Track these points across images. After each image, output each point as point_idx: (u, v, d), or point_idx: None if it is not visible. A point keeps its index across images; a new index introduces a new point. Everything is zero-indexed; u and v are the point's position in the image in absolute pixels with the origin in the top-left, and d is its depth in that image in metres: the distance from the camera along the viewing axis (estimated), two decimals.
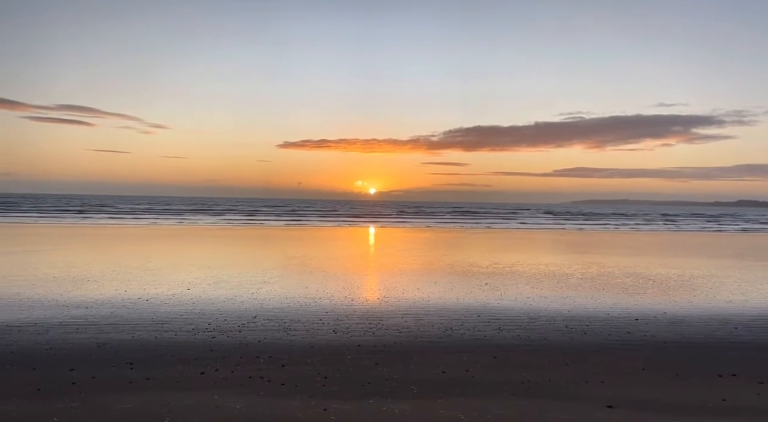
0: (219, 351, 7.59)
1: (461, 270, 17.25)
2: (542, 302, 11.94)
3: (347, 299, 11.82)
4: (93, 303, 10.80)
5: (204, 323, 9.34)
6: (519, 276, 16.11)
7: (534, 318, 10.31)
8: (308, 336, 8.57)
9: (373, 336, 8.63)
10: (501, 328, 9.39)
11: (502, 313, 10.65)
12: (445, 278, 15.35)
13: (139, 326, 9.01)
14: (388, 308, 10.93)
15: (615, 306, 11.56)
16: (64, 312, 9.95)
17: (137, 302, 10.99)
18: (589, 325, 9.76)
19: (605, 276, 16.33)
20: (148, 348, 7.73)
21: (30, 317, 9.47)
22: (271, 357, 7.37)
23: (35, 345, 7.71)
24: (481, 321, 9.88)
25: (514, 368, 7.07)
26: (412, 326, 9.41)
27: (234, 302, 11.23)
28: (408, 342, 8.31)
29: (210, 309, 10.45)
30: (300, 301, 11.43)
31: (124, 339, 8.16)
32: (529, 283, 14.65)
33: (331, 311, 10.53)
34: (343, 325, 9.36)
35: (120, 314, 9.88)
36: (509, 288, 13.79)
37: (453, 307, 11.13)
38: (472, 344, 8.31)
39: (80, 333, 8.45)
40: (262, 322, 9.48)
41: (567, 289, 13.77)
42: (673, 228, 55.38)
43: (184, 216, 58.20)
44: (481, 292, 13.02)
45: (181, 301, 11.18)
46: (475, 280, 14.97)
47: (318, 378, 6.49)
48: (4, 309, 10.07)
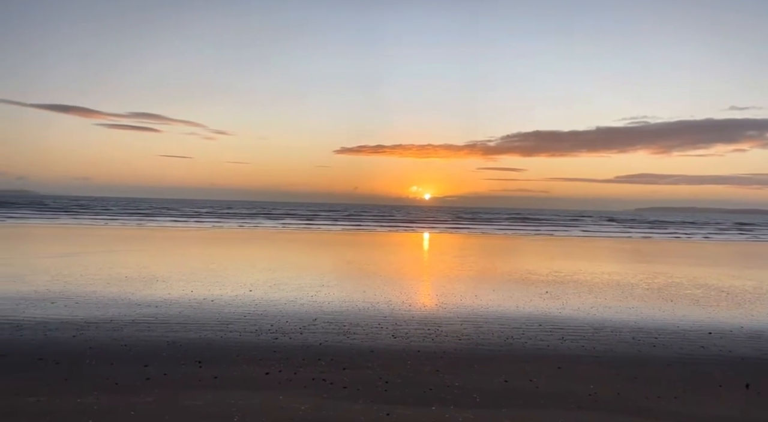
0: (282, 353, 7.75)
1: (520, 277, 16.92)
2: (607, 312, 11.54)
3: (405, 304, 11.82)
4: (162, 302, 11.27)
5: (266, 324, 9.56)
6: (581, 285, 15.64)
7: (598, 328, 9.97)
8: (368, 340, 8.62)
9: (433, 343, 8.58)
10: (564, 338, 9.13)
11: (564, 323, 10.36)
12: (504, 285, 15.09)
13: (205, 325, 9.33)
14: (447, 314, 10.85)
15: (685, 319, 11.03)
16: (136, 310, 10.43)
17: (203, 302, 11.38)
18: (658, 338, 9.35)
19: (674, 287, 15.60)
20: (214, 347, 7.99)
21: (106, 314, 9.98)
22: (333, 359, 7.46)
23: (111, 342, 8.12)
24: (542, 331, 9.65)
25: (579, 380, 6.86)
26: (471, 333, 9.30)
27: (294, 304, 11.45)
28: (468, 350, 8.22)
29: (272, 311, 10.69)
30: (358, 305, 11.52)
31: (192, 338, 8.46)
32: (592, 292, 14.19)
33: (390, 316, 10.55)
34: (401, 330, 9.36)
35: (187, 313, 10.26)
36: (571, 297, 13.41)
37: (513, 315, 10.92)
38: (534, 354, 8.12)
39: (152, 331, 8.83)
40: (323, 325, 9.61)
41: (633, 299, 13.25)
42: (748, 238, 52.30)
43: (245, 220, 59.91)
44: (542, 301, 12.72)
45: (244, 302, 11.50)
46: (535, 288, 14.64)
47: (379, 382, 6.51)
48: (82, 306, 10.67)
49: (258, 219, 64.52)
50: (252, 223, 54.26)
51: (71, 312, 10.03)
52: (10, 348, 7.62)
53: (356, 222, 64.01)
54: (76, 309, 10.30)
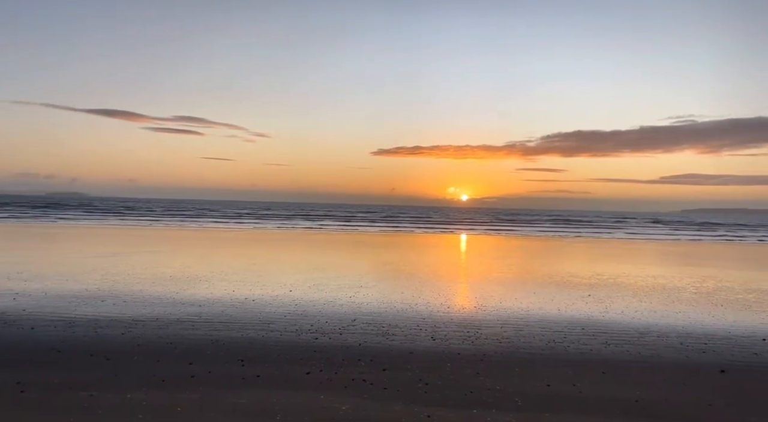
0: (322, 353, 7.82)
1: (561, 280, 16.61)
2: (652, 316, 11.21)
3: (444, 306, 11.76)
4: (205, 301, 11.54)
5: (306, 324, 9.67)
6: (625, 288, 15.24)
7: (644, 333, 9.69)
8: (407, 342, 8.61)
9: (472, 345, 8.51)
10: (608, 343, 8.92)
11: (608, 327, 10.12)
12: (545, 288, 14.85)
13: (247, 325, 9.50)
14: (486, 317, 10.74)
15: (737, 324, 10.61)
16: (180, 309, 10.71)
17: (245, 302, 11.60)
18: (708, 344, 9.02)
19: (724, 291, 15.03)
20: (256, 346, 8.13)
21: (152, 313, 10.28)
22: (372, 360, 7.48)
23: (158, 339, 8.36)
24: (585, 334, 9.44)
25: (625, 385, 6.68)
26: (512, 336, 9.18)
27: (333, 305, 11.54)
28: (509, 353, 8.12)
29: (311, 311, 10.81)
30: (397, 307, 11.53)
31: (234, 337, 8.63)
32: (637, 296, 13.81)
33: (428, 318, 10.52)
34: (440, 333, 9.32)
35: (230, 313, 10.47)
36: (615, 300, 13.08)
37: (554, 319, 10.73)
38: (577, 358, 7.96)
39: (196, 330, 9.05)
40: (361, 326, 9.66)
41: (680, 304, 12.83)
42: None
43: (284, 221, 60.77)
44: (584, 304, 12.45)
45: (284, 302, 11.66)
46: (577, 291, 14.35)
47: (419, 384, 6.50)
48: (130, 304, 11.02)
49: (297, 220, 65.35)
50: (291, 224, 54.98)
51: (120, 310, 10.38)
52: (63, 344, 7.94)
53: (394, 224, 64.07)
54: (125, 308, 10.65)
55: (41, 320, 9.40)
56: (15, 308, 10.32)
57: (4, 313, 9.83)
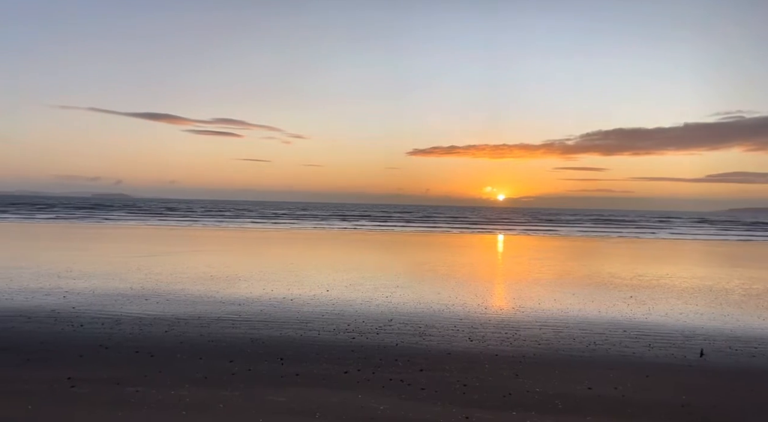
0: (359, 352, 7.86)
1: (602, 281, 16.26)
2: (698, 319, 10.86)
3: (481, 307, 11.66)
4: (245, 300, 11.75)
5: (344, 324, 9.74)
6: (669, 289, 14.80)
7: (689, 336, 9.40)
8: (444, 343, 8.58)
9: (511, 347, 8.42)
10: (651, 345, 8.68)
11: (651, 329, 9.85)
12: (584, 289, 14.56)
13: (286, 324, 9.64)
14: (524, 318, 10.60)
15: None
16: (221, 308, 10.93)
17: (283, 301, 11.76)
18: (758, 348, 8.69)
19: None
20: (295, 345, 8.23)
21: (194, 311, 10.54)
22: (409, 360, 7.48)
23: (199, 337, 8.56)
24: (627, 337, 9.22)
25: (670, 389, 6.49)
26: (551, 338, 9.04)
27: (370, 305, 11.58)
28: (548, 355, 7.99)
29: (348, 311, 10.88)
30: (433, 307, 11.49)
31: (273, 336, 8.76)
32: (682, 298, 13.40)
33: (465, 318, 10.45)
34: (478, 333, 9.25)
35: (268, 312, 10.63)
36: (658, 302, 12.72)
37: (595, 320, 10.51)
38: (619, 360, 7.78)
39: (236, 328, 9.23)
40: (398, 326, 9.67)
41: (728, 306, 12.39)
42: None
43: (320, 222, 61.33)
44: (626, 306, 12.15)
45: (321, 302, 11.78)
46: (618, 293, 14.01)
47: (457, 385, 6.46)
48: (173, 303, 11.32)
49: (332, 220, 65.87)
50: (327, 224, 55.45)
51: (163, 309, 10.67)
52: (111, 340, 8.21)
53: (429, 224, 63.88)
54: (167, 306, 10.95)
55: (89, 317, 9.75)
56: (65, 306, 10.73)
57: (55, 311, 10.24)
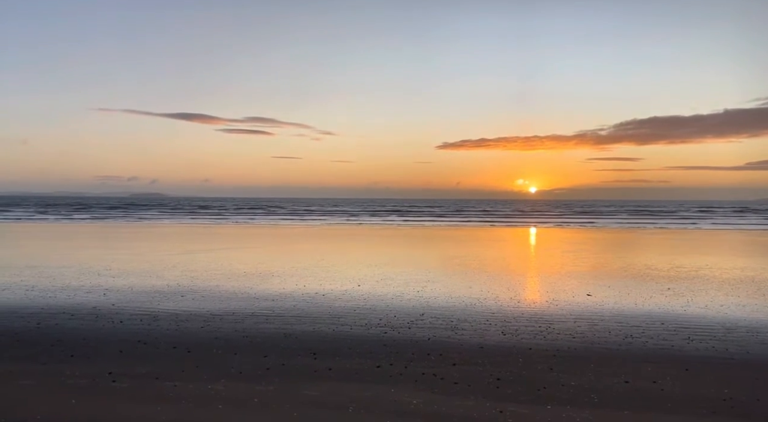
0: (392, 347, 7.88)
1: (638, 273, 15.90)
2: (740, 311, 10.53)
3: (513, 300, 11.55)
4: (278, 296, 11.90)
5: (375, 319, 9.77)
6: (709, 281, 14.39)
7: (731, 328, 9.12)
8: (476, 337, 8.52)
9: (544, 340, 8.31)
10: (691, 338, 8.45)
11: (690, 322, 9.59)
12: (620, 281, 14.27)
13: (318, 319, 9.72)
14: (558, 311, 10.45)
15: None
16: (254, 304, 11.10)
17: (315, 296, 11.86)
18: None
19: None
20: (327, 340, 8.30)
21: (228, 307, 10.72)
22: (442, 355, 7.46)
23: (234, 333, 8.70)
24: (666, 330, 9.00)
25: (711, 383, 6.32)
26: (586, 331, 8.89)
27: (401, 299, 11.59)
28: (583, 348, 7.87)
29: (380, 306, 10.91)
30: (465, 301, 11.43)
31: (306, 331, 8.85)
32: (722, 289, 13.01)
33: (498, 312, 10.36)
34: (511, 327, 9.16)
35: (301, 307, 10.74)
36: (697, 294, 12.38)
37: (631, 313, 10.29)
38: (657, 354, 7.60)
39: (269, 324, 9.35)
40: (430, 320, 9.65)
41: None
42: None
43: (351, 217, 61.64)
44: (664, 298, 11.86)
45: (353, 297, 11.84)
46: (655, 284, 13.69)
47: (490, 379, 6.42)
48: (208, 299, 11.54)
49: (363, 215, 66.11)
50: (357, 220, 55.69)
51: (198, 305, 10.89)
52: (148, 336, 8.42)
53: (460, 218, 63.52)
54: (203, 302, 11.16)
55: (128, 314, 10.02)
56: (105, 303, 11.05)
57: (95, 308, 10.55)
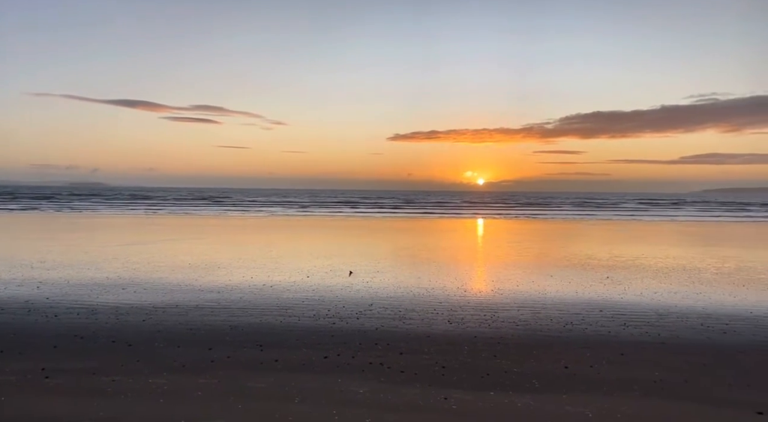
0: (339, 337, 7.88)
1: (578, 262, 16.49)
2: (672, 298, 11.09)
3: (460, 290, 11.75)
4: (224, 288, 11.68)
5: (324, 309, 9.74)
6: (644, 269, 15.08)
7: (663, 314, 9.60)
8: (424, 326, 8.63)
9: (489, 328, 8.51)
10: (626, 324, 8.85)
11: (626, 308, 10.03)
12: (562, 271, 14.75)
13: (266, 311, 9.60)
14: (503, 300, 10.71)
15: (760, 305, 10.45)
16: (200, 296, 10.85)
17: (263, 288, 11.71)
18: (729, 324, 8.91)
19: (746, 272, 14.81)
20: (275, 331, 8.21)
21: (172, 300, 10.43)
22: (389, 344, 7.52)
23: (177, 325, 8.48)
24: (604, 317, 9.38)
25: (644, 367, 6.64)
26: (529, 319, 9.15)
27: (350, 290, 11.59)
28: (526, 336, 8.10)
29: (329, 297, 10.88)
30: (413, 291, 11.55)
31: (253, 323, 8.73)
32: (656, 278, 13.66)
33: (445, 301, 10.53)
34: (457, 316, 9.33)
35: (248, 299, 10.58)
36: (633, 282, 12.96)
37: (572, 301, 10.67)
38: (595, 340, 7.92)
39: (215, 316, 9.17)
40: (378, 310, 9.70)
41: (700, 285, 12.66)
42: None
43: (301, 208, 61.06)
44: (602, 286, 12.36)
45: (301, 288, 11.75)
46: (595, 273, 14.23)
47: (436, 367, 6.52)
48: (150, 292, 11.19)
49: (313, 206, 65.60)
50: (307, 211, 55.23)
51: (140, 298, 10.55)
52: (86, 330, 8.10)
53: (410, 209, 64.01)
54: (145, 295, 10.82)
55: (64, 308, 9.60)
56: (38, 296, 10.54)
57: (28, 301, 10.05)
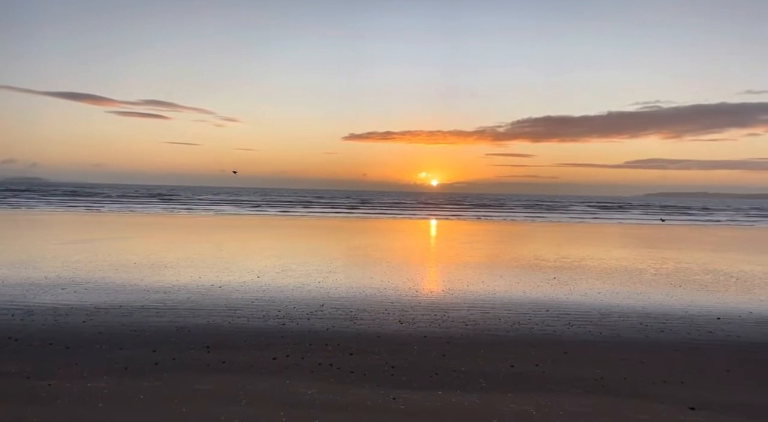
0: (289, 338, 7.80)
1: (527, 263, 16.89)
2: (614, 298, 11.51)
3: (412, 290, 11.84)
4: (171, 288, 11.36)
5: (274, 310, 9.62)
6: (589, 270, 15.59)
7: (606, 314, 9.95)
8: (375, 326, 8.65)
9: (439, 328, 8.61)
10: (571, 324, 9.13)
11: (571, 308, 10.35)
12: (511, 271, 15.08)
13: (213, 311, 9.40)
14: (454, 300, 10.86)
15: (694, 304, 10.98)
16: (145, 296, 10.52)
17: (211, 289, 11.46)
18: (666, 323, 9.32)
19: (682, 273, 15.53)
20: (222, 332, 8.05)
21: (115, 300, 10.08)
22: (339, 345, 7.50)
23: (121, 327, 8.20)
24: (549, 316, 9.64)
25: (586, 364, 6.86)
26: (478, 319, 9.31)
27: (302, 290, 11.50)
28: (475, 335, 8.24)
29: (279, 297, 10.75)
30: (365, 291, 11.56)
31: (200, 324, 8.53)
32: (600, 278, 14.15)
33: (397, 302, 10.58)
34: (408, 316, 9.39)
35: (196, 299, 10.33)
36: (579, 282, 13.38)
37: (520, 301, 10.92)
38: (541, 339, 8.13)
39: (160, 317, 8.91)
40: (330, 311, 9.66)
41: (640, 285, 13.20)
42: (761, 223, 51.85)
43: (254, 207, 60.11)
44: (549, 287, 12.70)
45: (251, 288, 11.57)
46: (543, 274, 14.62)
47: (386, 367, 6.55)
48: (92, 292, 10.77)
49: (265, 205, 64.69)
50: (260, 210, 54.42)
51: (81, 298, 10.14)
52: (21, 332, 7.72)
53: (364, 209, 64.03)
54: (86, 295, 10.41)
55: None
56: None
57: None
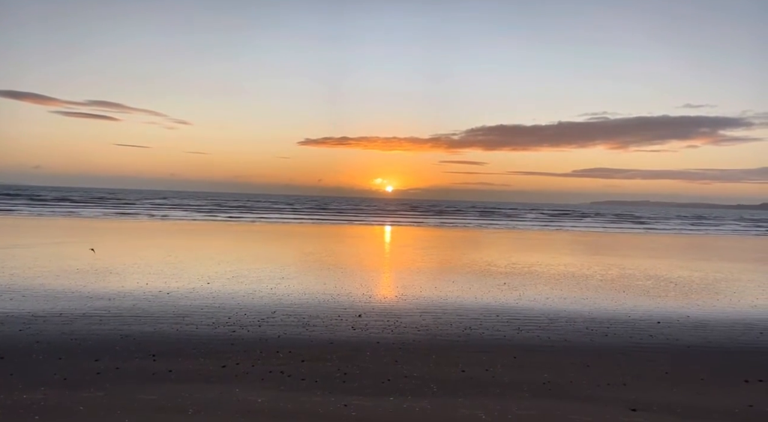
0: (239, 345, 7.65)
1: (479, 269, 17.17)
2: (562, 303, 11.84)
3: (365, 296, 11.83)
4: (116, 295, 10.96)
5: (224, 317, 9.42)
6: (538, 276, 15.98)
7: (554, 319, 10.22)
8: (327, 332, 8.60)
9: (392, 334, 8.63)
10: (520, 328, 9.32)
11: (521, 313, 10.57)
12: (463, 277, 15.29)
13: (161, 319, 9.12)
14: (406, 306, 10.92)
15: (636, 309, 11.41)
16: (88, 303, 10.11)
17: (158, 295, 11.12)
18: (610, 327, 9.65)
19: (625, 278, 16.12)
20: (170, 340, 7.82)
21: (55, 308, 9.64)
22: (291, 352, 7.41)
23: (61, 336, 7.84)
24: (500, 321, 9.82)
25: (534, 368, 7.02)
26: (430, 324, 9.39)
27: (253, 297, 11.31)
28: (427, 341, 8.30)
29: (230, 304, 10.54)
30: (318, 297, 11.47)
31: (146, 331, 8.26)
32: (548, 284, 14.53)
33: (350, 308, 10.55)
34: (361, 322, 9.37)
35: (142, 307, 10.00)
36: (528, 288, 13.69)
37: (471, 306, 11.08)
38: (491, 344, 8.27)
39: (104, 325, 8.58)
40: (282, 317, 9.53)
41: (587, 291, 13.63)
42: (698, 231, 54.47)
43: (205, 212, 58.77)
44: (500, 292, 12.94)
45: (201, 295, 11.29)
46: (493, 280, 14.88)
47: (338, 374, 6.51)
48: (30, 299, 10.27)
49: (217, 210, 63.37)
50: (212, 215, 53.26)
51: (17, 306, 9.65)
52: None
53: (319, 215, 63.64)
54: (23, 303, 9.91)
55: None
56: None
57: None
